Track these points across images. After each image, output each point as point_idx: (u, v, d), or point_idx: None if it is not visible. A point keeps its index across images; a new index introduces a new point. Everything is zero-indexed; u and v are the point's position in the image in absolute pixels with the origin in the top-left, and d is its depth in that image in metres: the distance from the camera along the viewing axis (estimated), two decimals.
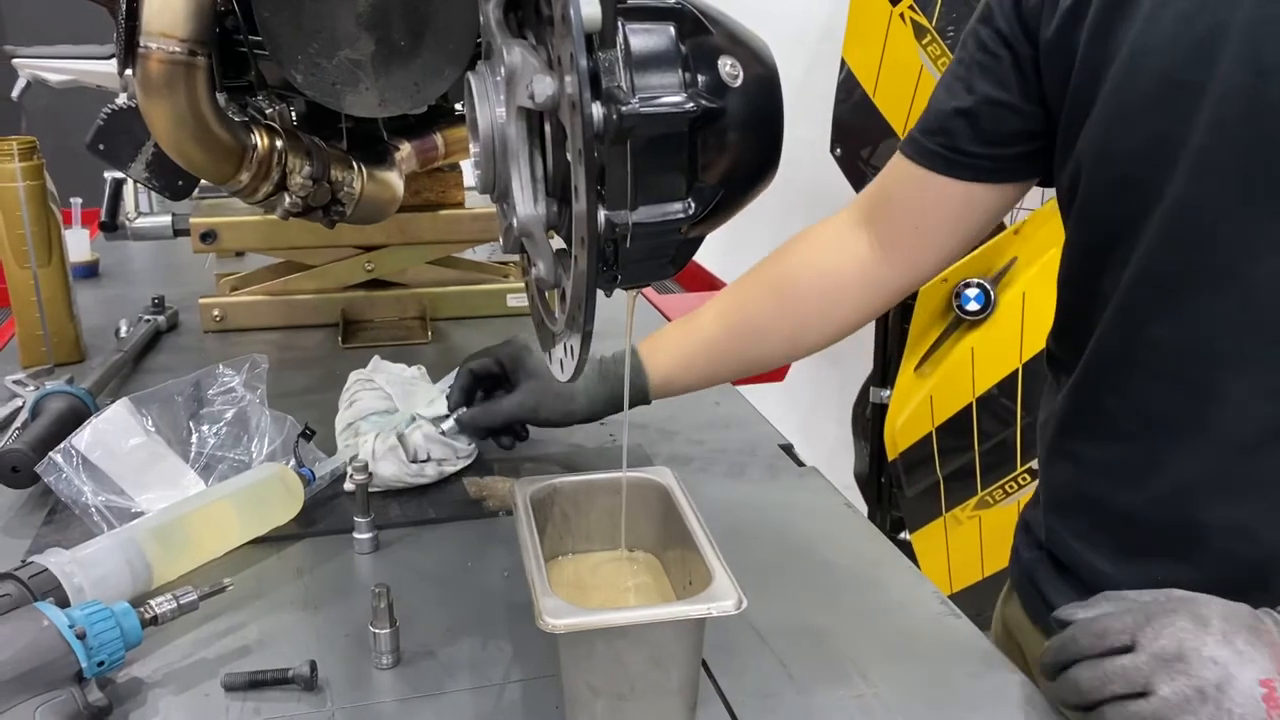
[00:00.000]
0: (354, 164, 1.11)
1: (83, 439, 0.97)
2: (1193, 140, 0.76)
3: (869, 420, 2.63)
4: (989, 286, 2.15)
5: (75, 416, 1.06)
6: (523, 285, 1.51)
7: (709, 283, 2.13)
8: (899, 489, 2.38)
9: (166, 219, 1.57)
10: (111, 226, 1.61)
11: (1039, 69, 0.87)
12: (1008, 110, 0.89)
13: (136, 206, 1.58)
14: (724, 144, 0.61)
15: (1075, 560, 0.93)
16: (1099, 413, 0.88)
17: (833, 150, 2.30)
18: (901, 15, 2.14)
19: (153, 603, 0.78)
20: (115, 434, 0.99)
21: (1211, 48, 0.75)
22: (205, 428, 1.05)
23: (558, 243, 0.68)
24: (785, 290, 1.02)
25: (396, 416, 1.07)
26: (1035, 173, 0.93)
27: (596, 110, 0.56)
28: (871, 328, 2.66)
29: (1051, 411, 0.95)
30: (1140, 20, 0.78)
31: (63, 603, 0.77)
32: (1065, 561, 0.94)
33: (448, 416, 1.05)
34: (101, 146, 1.19)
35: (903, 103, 2.18)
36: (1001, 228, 2.32)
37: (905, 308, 2.45)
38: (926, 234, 0.98)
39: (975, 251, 2.19)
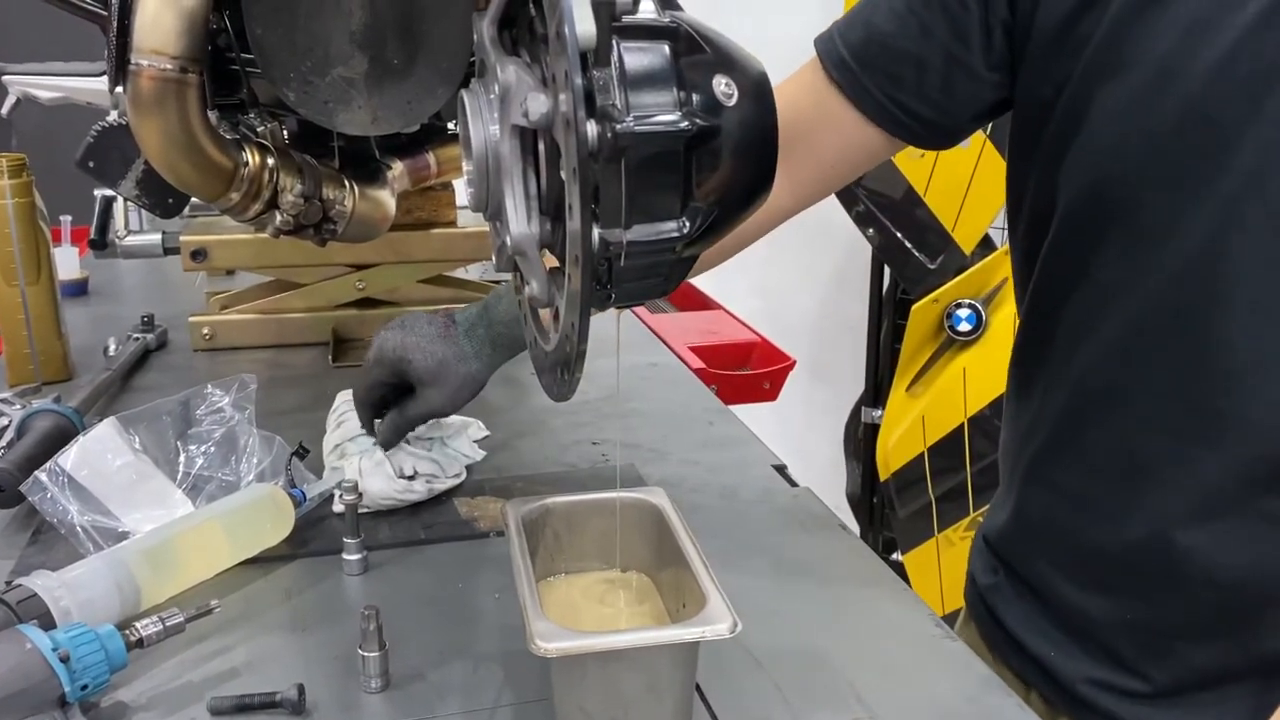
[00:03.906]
0: (346, 182, 1.10)
1: (69, 458, 0.96)
2: (1223, 185, 0.72)
3: (861, 440, 2.63)
4: (980, 307, 2.16)
5: (62, 435, 1.04)
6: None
7: (701, 302, 2.13)
8: (891, 510, 2.38)
9: (156, 237, 1.56)
10: (101, 244, 1.61)
11: (1011, 38, 0.80)
12: (965, 73, 0.82)
13: (126, 224, 1.57)
14: (718, 163, 0.61)
15: (1044, 586, 0.91)
16: (1082, 447, 0.86)
17: None
18: None
19: (138, 625, 0.77)
20: (102, 453, 0.97)
21: (1261, 89, 0.70)
22: (193, 447, 1.04)
23: (551, 261, 0.68)
24: None
25: None
26: (952, 144, 0.88)
27: (591, 128, 0.55)
28: (864, 347, 2.66)
29: (1024, 432, 0.92)
30: (1172, 37, 0.73)
31: (48, 625, 0.76)
32: (1033, 586, 0.92)
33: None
34: (91, 164, 1.18)
35: None
36: (993, 248, 2.33)
37: (897, 327, 2.46)
38: (834, 168, 0.92)
39: (967, 273, 2.20)
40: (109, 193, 1.55)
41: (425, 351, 0.99)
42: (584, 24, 0.54)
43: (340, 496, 0.97)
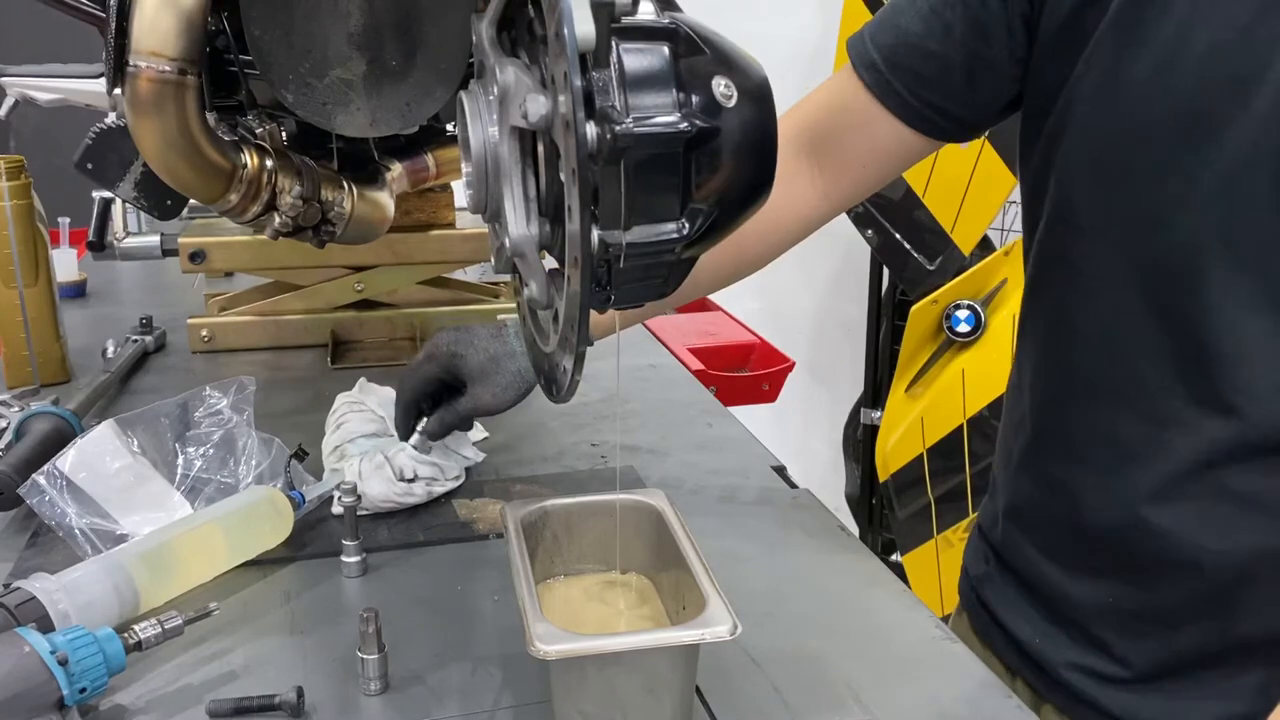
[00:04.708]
0: (345, 184, 1.10)
1: (67, 461, 0.96)
2: (1208, 179, 0.74)
3: (860, 442, 2.63)
4: (979, 308, 2.16)
5: (60, 438, 1.04)
6: (514, 305, 1.51)
7: (700, 303, 2.13)
8: (890, 511, 2.38)
9: (155, 239, 1.56)
10: (99, 246, 1.60)
11: (1029, 30, 0.82)
12: (988, 70, 0.84)
13: (125, 226, 1.57)
14: (718, 164, 0.60)
15: (1031, 572, 0.93)
16: (1067, 432, 0.88)
17: None
18: None
19: (137, 628, 0.77)
20: (100, 456, 0.97)
21: (1250, 85, 0.71)
22: (192, 450, 1.04)
23: (550, 263, 0.68)
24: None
25: (385, 440, 1.06)
26: (977, 136, 0.89)
27: (590, 130, 0.55)
28: (862, 349, 2.66)
29: (1015, 421, 0.94)
30: (1169, 31, 0.74)
31: (46, 628, 0.76)
32: (1020, 573, 0.94)
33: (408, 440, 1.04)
34: (89, 165, 1.18)
35: None
36: (992, 250, 2.33)
37: (896, 328, 2.46)
38: (866, 171, 0.94)
39: (966, 274, 2.20)
40: (107, 194, 1.55)
41: (477, 348, 1.01)
42: (583, 25, 0.54)
43: (339, 499, 0.97)
